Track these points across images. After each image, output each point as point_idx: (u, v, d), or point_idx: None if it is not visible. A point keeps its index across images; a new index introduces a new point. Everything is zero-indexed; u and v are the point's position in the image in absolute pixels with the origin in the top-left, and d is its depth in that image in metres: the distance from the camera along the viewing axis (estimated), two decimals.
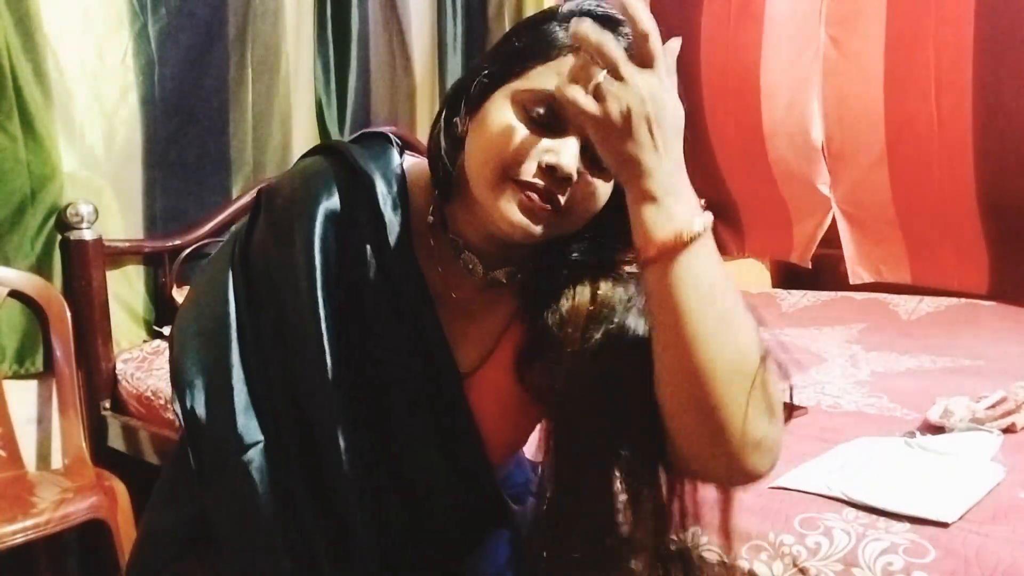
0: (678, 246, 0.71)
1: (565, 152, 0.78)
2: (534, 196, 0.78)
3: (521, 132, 0.79)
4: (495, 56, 0.85)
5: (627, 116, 0.69)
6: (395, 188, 0.89)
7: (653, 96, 0.69)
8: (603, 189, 0.82)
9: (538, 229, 0.80)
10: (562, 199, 0.79)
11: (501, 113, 0.80)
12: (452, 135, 0.86)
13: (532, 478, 1.05)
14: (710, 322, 0.71)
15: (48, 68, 2.05)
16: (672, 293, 0.71)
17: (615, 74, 0.70)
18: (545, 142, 0.79)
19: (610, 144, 0.71)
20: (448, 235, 0.89)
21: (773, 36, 2.80)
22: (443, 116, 0.88)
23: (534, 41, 0.81)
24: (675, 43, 0.76)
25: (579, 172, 0.79)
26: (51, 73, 2.06)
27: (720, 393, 0.71)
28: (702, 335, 0.71)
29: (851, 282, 2.86)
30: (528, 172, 0.78)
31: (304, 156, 0.96)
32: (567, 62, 0.78)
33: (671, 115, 0.71)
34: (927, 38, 2.52)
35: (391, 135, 0.95)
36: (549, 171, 0.78)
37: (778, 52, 2.80)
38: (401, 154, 0.94)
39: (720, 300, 0.72)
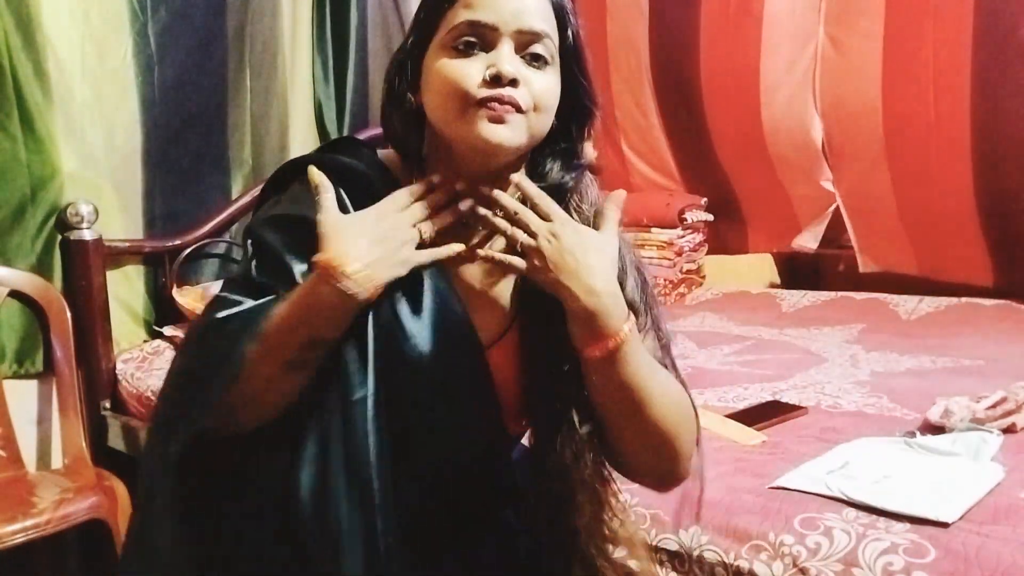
0: (615, 350, 0.86)
1: (500, 59, 0.87)
2: (495, 105, 0.86)
3: (458, 64, 0.88)
4: (412, 29, 0.95)
5: (542, 255, 0.86)
6: (380, 173, 0.95)
7: (558, 235, 0.87)
8: (551, 78, 0.91)
9: (515, 135, 0.88)
10: (521, 100, 0.87)
11: (437, 64, 0.89)
12: (406, 112, 0.94)
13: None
14: (656, 386, 0.89)
15: (48, 68, 2.05)
16: (621, 379, 0.87)
17: (527, 230, 0.87)
18: (482, 58, 0.88)
19: (538, 276, 0.87)
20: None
21: (772, 35, 2.80)
22: (390, 101, 0.95)
23: None
24: (619, 194, 0.95)
25: (522, 74, 0.88)
26: (51, 73, 2.06)
27: (673, 435, 0.91)
28: (653, 398, 0.89)
29: (861, 270, 2.87)
30: (480, 90, 0.86)
31: (273, 177, 0.98)
32: None
33: (584, 246, 0.87)
34: (926, 36, 2.52)
35: (354, 137, 1.01)
36: (496, 80, 0.86)
37: (777, 51, 2.80)
38: (371, 149, 1.00)
39: (655, 369, 0.91)
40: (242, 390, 0.83)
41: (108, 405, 2.19)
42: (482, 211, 0.89)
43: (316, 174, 0.87)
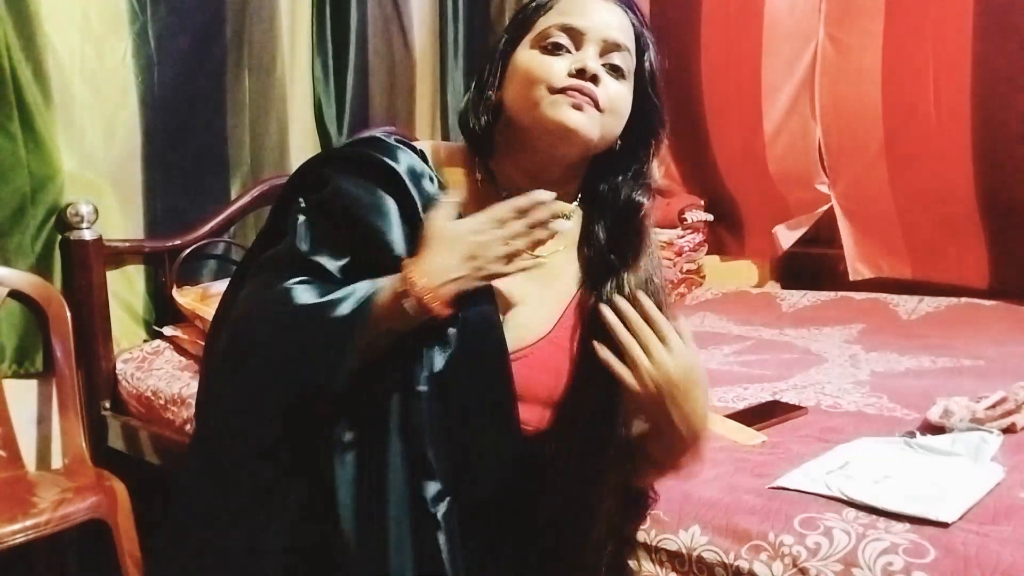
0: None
1: (587, 57, 0.97)
2: (575, 94, 0.95)
3: (546, 59, 0.98)
4: (507, 29, 1.04)
5: (658, 389, 0.91)
6: (426, 167, 0.99)
7: (684, 371, 0.91)
8: (625, 89, 1.00)
9: (590, 124, 0.96)
10: (600, 96, 0.96)
11: (526, 57, 0.99)
12: (486, 105, 1.01)
13: None
14: None
15: (48, 68, 2.05)
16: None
17: (645, 348, 0.91)
18: (567, 58, 0.98)
19: (641, 397, 0.92)
20: (497, 187, 1.02)
21: (772, 35, 2.80)
22: (473, 94, 1.03)
23: (536, 2, 1.02)
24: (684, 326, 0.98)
25: (603, 75, 0.97)
26: (51, 73, 2.06)
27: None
28: None
29: (851, 278, 2.86)
30: (564, 80, 0.96)
31: (301, 170, 1.03)
32: (564, 1, 1.00)
33: (691, 380, 0.92)
34: (926, 36, 2.52)
35: (383, 134, 1.03)
36: (580, 74, 0.96)
37: (777, 51, 2.80)
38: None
39: None
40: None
41: (108, 405, 2.19)
42: (609, 316, 0.93)
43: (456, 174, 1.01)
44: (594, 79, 0.96)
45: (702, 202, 3.03)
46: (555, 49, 0.98)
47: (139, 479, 1.97)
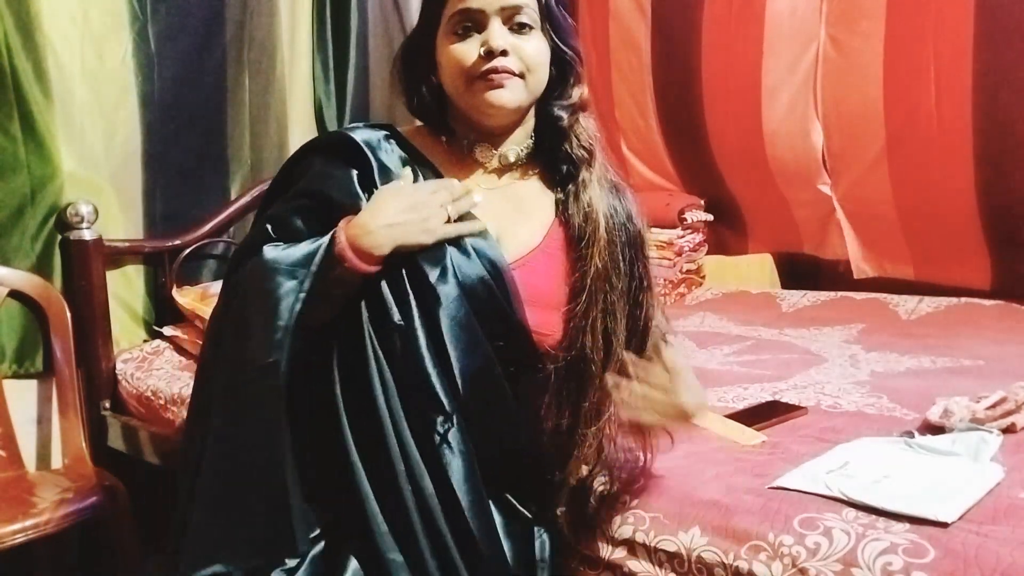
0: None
1: (490, 36, 1.08)
2: (493, 76, 1.08)
3: (460, 48, 1.10)
4: (420, 21, 1.18)
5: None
6: (390, 141, 1.16)
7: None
8: (537, 42, 1.12)
9: (515, 95, 1.10)
10: (513, 66, 1.09)
11: (444, 48, 1.12)
12: (430, 89, 1.16)
13: None
14: None
15: (48, 68, 2.05)
16: None
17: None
18: (476, 39, 1.10)
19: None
20: (459, 142, 1.18)
21: (773, 36, 2.80)
22: (411, 84, 1.18)
23: None
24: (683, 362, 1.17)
25: (511, 43, 1.08)
26: (51, 73, 2.06)
27: None
28: None
29: (855, 276, 2.86)
30: (479, 65, 1.09)
31: (295, 156, 1.19)
32: None
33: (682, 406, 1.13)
34: (927, 37, 2.51)
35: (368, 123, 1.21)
36: (488, 55, 1.08)
37: (778, 52, 2.80)
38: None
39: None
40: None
41: (108, 405, 2.19)
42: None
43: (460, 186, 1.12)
44: (504, 53, 1.07)
45: (702, 202, 3.03)
46: (465, 33, 1.10)
47: (139, 479, 1.97)
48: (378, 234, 1.01)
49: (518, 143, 1.19)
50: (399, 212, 1.03)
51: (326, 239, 1.03)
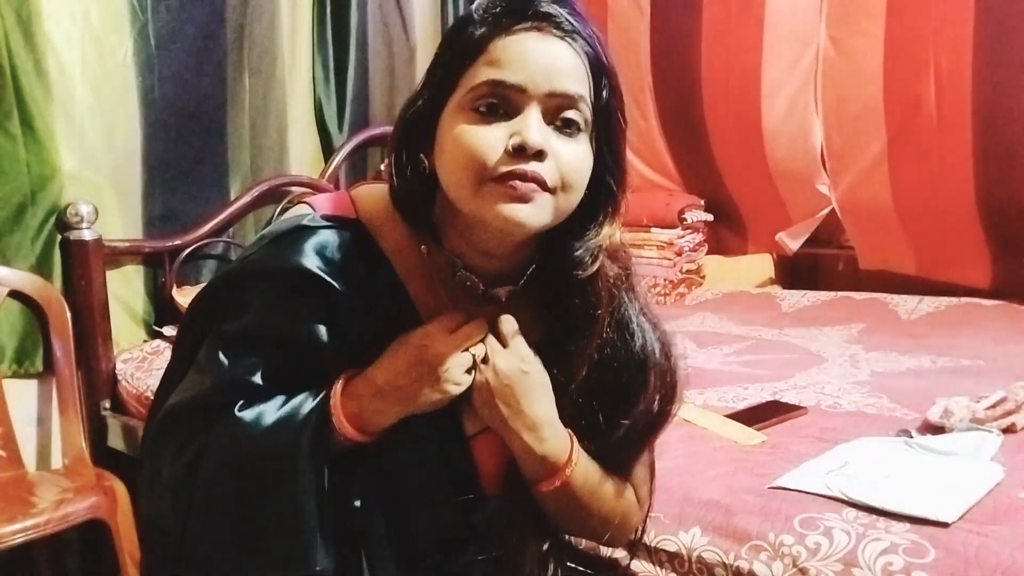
0: (564, 471, 0.89)
1: (526, 128, 0.77)
2: (516, 183, 0.77)
3: (477, 131, 0.78)
4: (426, 85, 0.85)
5: (489, 390, 0.86)
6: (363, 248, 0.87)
7: (508, 374, 0.86)
8: (582, 148, 0.82)
9: (538, 213, 0.79)
10: (547, 176, 0.78)
11: (454, 128, 0.80)
12: (419, 175, 0.85)
13: None
14: (600, 496, 0.94)
15: (48, 67, 2.05)
16: (572, 494, 0.91)
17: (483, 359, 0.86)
18: (504, 126, 0.78)
19: (485, 409, 0.87)
20: (446, 257, 0.88)
21: (773, 36, 2.80)
22: (402, 159, 0.86)
23: (457, 49, 0.82)
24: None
25: (551, 144, 0.79)
26: (51, 73, 2.06)
27: (617, 526, 0.98)
28: (597, 506, 0.93)
29: (861, 267, 2.87)
30: (501, 164, 0.77)
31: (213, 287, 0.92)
32: (493, 48, 0.80)
33: (528, 382, 0.87)
34: (927, 37, 2.52)
35: (308, 213, 0.89)
36: (519, 152, 0.77)
37: (778, 52, 2.80)
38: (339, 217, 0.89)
39: (600, 480, 0.93)
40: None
41: (108, 405, 2.19)
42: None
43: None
44: (539, 155, 0.77)
45: (702, 202, 3.03)
46: (489, 114, 0.79)
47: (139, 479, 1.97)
48: (373, 406, 0.84)
49: (515, 273, 0.89)
50: (410, 369, 0.84)
51: (312, 417, 0.83)
